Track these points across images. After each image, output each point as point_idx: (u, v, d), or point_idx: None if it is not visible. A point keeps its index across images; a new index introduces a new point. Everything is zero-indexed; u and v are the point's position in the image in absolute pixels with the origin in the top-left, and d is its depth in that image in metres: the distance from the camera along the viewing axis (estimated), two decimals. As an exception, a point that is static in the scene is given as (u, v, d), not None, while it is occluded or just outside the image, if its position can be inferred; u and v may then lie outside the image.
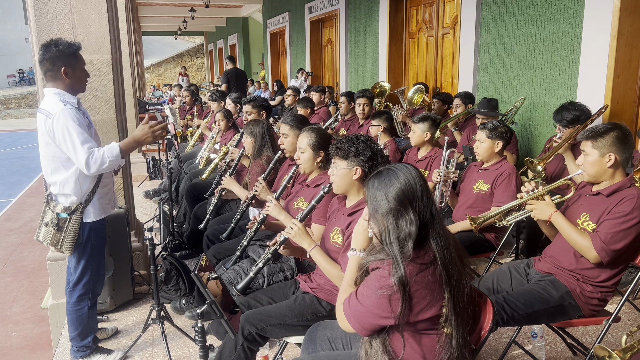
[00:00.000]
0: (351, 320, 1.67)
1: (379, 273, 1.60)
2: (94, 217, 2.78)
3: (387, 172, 1.64)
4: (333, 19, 9.96)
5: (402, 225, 1.58)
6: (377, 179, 1.65)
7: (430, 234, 1.61)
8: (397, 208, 1.59)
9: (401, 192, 1.59)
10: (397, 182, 1.61)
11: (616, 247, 2.29)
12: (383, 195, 1.61)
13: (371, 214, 1.65)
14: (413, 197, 1.60)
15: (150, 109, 10.69)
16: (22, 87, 29.70)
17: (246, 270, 2.91)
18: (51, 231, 2.71)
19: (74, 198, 2.72)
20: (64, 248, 2.74)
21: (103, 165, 2.61)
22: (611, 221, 2.31)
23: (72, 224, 2.71)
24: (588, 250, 2.33)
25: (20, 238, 6.36)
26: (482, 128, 3.38)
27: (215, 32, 23.15)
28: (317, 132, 2.93)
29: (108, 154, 2.62)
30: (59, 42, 2.62)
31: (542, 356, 2.86)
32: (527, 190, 2.52)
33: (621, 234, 2.28)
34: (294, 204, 3.08)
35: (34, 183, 9.60)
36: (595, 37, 4.22)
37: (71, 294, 2.85)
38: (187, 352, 3.05)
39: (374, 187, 1.64)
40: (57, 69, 2.62)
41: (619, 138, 2.36)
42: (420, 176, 1.65)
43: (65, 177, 2.69)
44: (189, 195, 4.75)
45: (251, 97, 5.27)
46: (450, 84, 6.68)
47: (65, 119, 2.56)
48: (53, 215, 2.70)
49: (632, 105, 4.26)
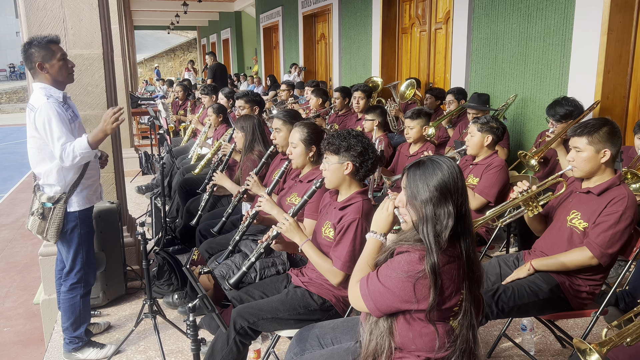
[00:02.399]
0: (367, 300, 1.68)
1: (408, 257, 1.61)
2: (77, 206, 2.84)
3: (430, 163, 1.65)
4: (326, 14, 9.95)
5: (440, 215, 1.60)
6: (420, 168, 1.65)
7: (461, 231, 1.63)
8: (438, 198, 1.60)
9: (444, 183, 1.60)
10: (440, 174, 1.61)
11: (614, 250, 2.33)
12: (425, 184, 1.62)
13: (408, 200, 1.66)
14: (454, 191, 1.61)
15: (143, 103, 10.62)
16: (13, 82, 29.46)
17: (238, 265, 2.91)
18: (37, 220, 2.79)
19: (58, 188, 2.79)
20: (49, 236, 2.81)
21: (75, 159, 2.68)
22: (605, 224, 2.33)
23: (56, 213, 2.78)
24: (591, 260, 2.36)
25: (12, 234, 6.33)
26: (474, 122, 3.41)
27: (208, 26, 23.04)
28: (309, 127, 2.93)
29: (77, 147, 2.68)
30: (32, 40, 2.68)
31: (532, 348, 2.90)
32: (521, 190, 2.53)
33: (617, 235, 2.31)
34: (287, 199, 3.09)
35: (25, 178, 9.55)
36: (586, 32, 4.25)
37: (64, 284, 2.91)
38: (179, 347, 3.06)
39: (415, 176, 1.65)
40: (34, 65, 2.69)
41: (611, 133, 2.38)
42: (462, 173, 1.66)
43: (49, 168, 2.77)
44: (181, 191, 4.74)
45: (244, 92, 5.26)
46: (443, 79, 6.70)
47: (47, 112, 2.63)
48: (39, 204, 2.79)
49: (622, 100, 4.30)
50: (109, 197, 3.67)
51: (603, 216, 2.34)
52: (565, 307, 2.47)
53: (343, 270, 2.25)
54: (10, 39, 30.87)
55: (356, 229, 2.27)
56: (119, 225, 3.54)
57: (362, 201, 2.35)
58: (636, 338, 1.82)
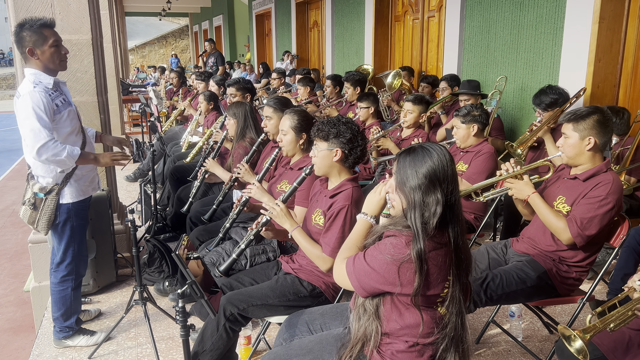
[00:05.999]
0: (352, 278, 1.70)
1: (395, 240, 1.62)
2: (70, 198, 2.78)
3: (421, 150, 1.65)
4: (319, 1, 9.87)
5: (428, 202, 1.61)
6: (410, 155, 1.66)
7: (450, 218, 1.64)
8: (426, 185, 1.61)
9: (433, 171, 1.61)
10: (430, 161, 1.62)
11: (591, 232, 2.33)
12: (414, 171, 1.63)
13: (398, 186, 1.67)
14: (443, 179, 1.62)
15: (134, 91, 10.54)
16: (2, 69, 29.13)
17: (229, 252, 2.92)
18: (28, 210, 2.73)
19: (49, 179, 2.73)
20: (39, 227, 2.75)
21: (56, 157, 2.57)
22: (587, 206, 2.35)
23: (48, 204, 2.72)
24: (562, 232, 2.38)
25: (2, 221, 6.29)
26: (456, 114, 3.43)
27: (200, 13, 22.78)
28: (299, 114, 2.92)
29: (68, 151, 2.60)
30: (25, 22, 2.57)
31: (519, 335, 2.93)
32: (507, 169, 2.56)
33: (596, 219, 2.32)
34: (277, 186, 3.09)
35: (15, 166, 9.47)
36: (578, 21, 4.25)
37: (55, 275, 2.86)
38: (170, 333, 3.07)
39: (405, 162, 1.66)
40: (25, 50, 2.58)
41: (600, 122, 2.39)
42: (452, 161, 1.67)
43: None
44: (172, 178, 4.73)
45: (235, 80, 5.23)
46: (436, 67, 6.69)
47: (30, 102, 2.53)
48: (31, 194, 2.72)
49: (613, 89, 4.32)
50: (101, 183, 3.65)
51: (585, 199, 2.37)
52: (552, 293, 2.50)
53: (332, 256, 2.26)
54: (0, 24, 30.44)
55: (345, 216, 2.28)
56: (109, 213, 3.52)
57: (352, 188, 2.36)
58: (620, 323, 1.85)
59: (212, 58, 11.06)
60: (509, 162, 2.57)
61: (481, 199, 2.73)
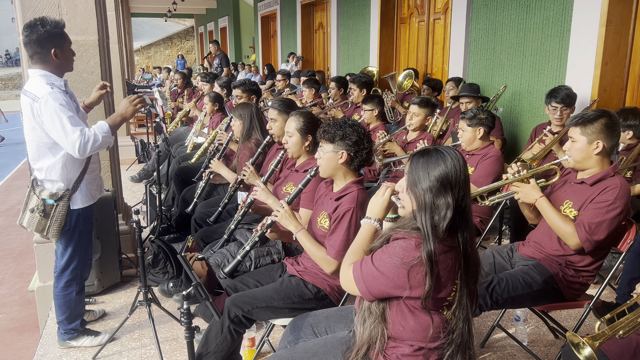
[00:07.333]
0: (359, 283, 1.68)
1: (404, 243, 1.61)
2: (81, 203, 2.74)
3: (435, 153, 1.64)
4: (324, 3, 9.88)
5: (439, 205, 1.60)
6: (424, 157, 1.65)
7: (460, 223, 1.63)
8: (437, 188, 1.60)
9: (445, 174, 1.60)
10: (443, 165, 1.61)
11: (600, 237, 2.31)
12: (426, 173, 1.62)
13: (409, 186, 1.66)
14: (455, 183, 1.61)
15: (139, 91, 10.57)
16: (9, 69, 29.27)
17: (233, 254, 2.91)
18: (37, 217, 2.64)
19: (61, 184, 2.66)
20: (50, 235, 2.68)
21: (96, 142, 2.56)
22: (595, 211, 2.33)
23: (59, 210, 2.65)
24: (571, 237, 2.35)
25: (7, 221, 6.31)
26: (462, 117, 3.41)
27: (206, 14, 22.86)
28: (305, 116, 2.92)
29: (99, 131, 2.59)
30: (45, 22, 2.50)
31: (525, 339, 2.92)
32: (513, 172, 2.54)
33: (605, 223, 2.30)
34: (282, 188, 3.08)
35: (20, 165, 9.51)
36: (585, 24, 4.23)
37: (59, 279, 2.82)
38: (174, 334, 3.06)
39: (417, 164, 1.65)
40: (47, 51, 2.52)
41: (608, 125, 2.37)
42: (465, 166, 1.66)
43: (52, 163, 2.62)
44: (177, 179, 4.73)
45: (241, 81, 5.23)
46: (441, 70, 6.68)
47: (54, 102, 2.47)
48: (39, 201, 2.64)
49: (620, 92, 4.30)
50: (104, 185, 3.66)
51: (593, 203, 2.35)
52: (558, 298, 2.48)
53: (337, 259, 2.25)
54: (6, 25, 30.62)
55: (350, 218, 2.27)
56: (114, 213, 3.53)
57: (357, 191, 2.35)
58: (629, 330, 1.83)
59: (217, 60, 11.09)
60: (515, 164, 2.55)
61: (487, 202, 2.71)
